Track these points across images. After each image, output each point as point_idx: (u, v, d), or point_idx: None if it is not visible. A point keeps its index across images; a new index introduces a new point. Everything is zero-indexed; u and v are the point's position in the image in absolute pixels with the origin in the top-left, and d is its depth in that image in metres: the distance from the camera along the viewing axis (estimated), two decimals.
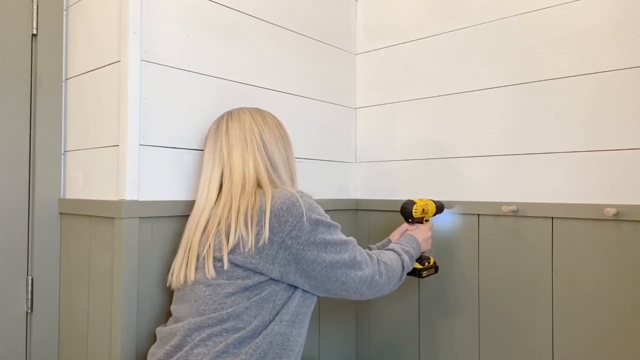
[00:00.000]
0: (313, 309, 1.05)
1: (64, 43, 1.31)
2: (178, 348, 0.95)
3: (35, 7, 1.26)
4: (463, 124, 1.43)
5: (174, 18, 1.18)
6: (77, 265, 1.24)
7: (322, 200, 1.39)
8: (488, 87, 1.38)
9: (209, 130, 1.13)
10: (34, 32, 1.26)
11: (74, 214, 1.25)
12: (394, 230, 1.31)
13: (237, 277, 0.95)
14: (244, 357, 0.92)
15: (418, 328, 1.51)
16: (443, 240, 1.44)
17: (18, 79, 1.25)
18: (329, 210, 1.16)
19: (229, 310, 0.94)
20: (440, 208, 1.35)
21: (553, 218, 1.25)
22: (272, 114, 1.14)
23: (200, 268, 0.98)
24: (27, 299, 1.25)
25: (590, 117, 1.21)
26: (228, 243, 0.95)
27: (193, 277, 0.98)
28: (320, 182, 1.56)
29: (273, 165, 1.07)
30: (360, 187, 1.68)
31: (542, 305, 1.26)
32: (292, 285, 0.99)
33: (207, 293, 0.96)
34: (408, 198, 1.32)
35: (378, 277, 1.04)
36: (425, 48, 1.52)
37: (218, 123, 1.11)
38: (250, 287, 0.95)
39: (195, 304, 0.96)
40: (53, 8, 1.29)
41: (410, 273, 1.22)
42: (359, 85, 1.69)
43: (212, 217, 1.02)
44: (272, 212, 0.94)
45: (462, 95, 1.43)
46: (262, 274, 0.95)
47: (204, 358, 0.91)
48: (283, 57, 1.44)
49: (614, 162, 1.17)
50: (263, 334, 0.94)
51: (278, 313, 0.97)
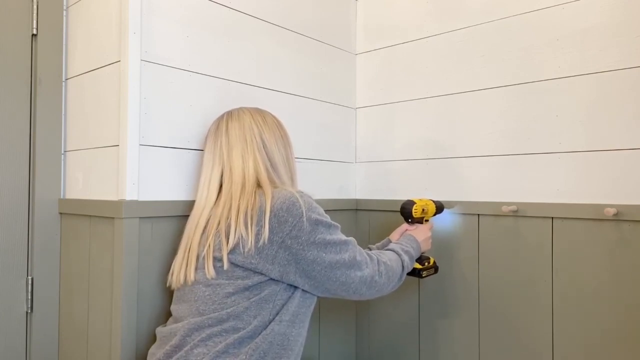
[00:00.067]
0: (313, 309, 1.05)
1: (64, 43, 1.31)
2: (178, 348, 0.95)
3: (35, 7, 1.26)
4: (463, 124, 1.43)
5: (174, 18, 1.18)
6: (77, 265, 1.24)
7: (322, 200, 1.39)
8: (488, 87, 1.38)
9: (209, 130, 1.13)
10: (34, 32, 1.26)
11: (74, 214, 1.25)
12: (394, 230, 1.31)
13: (237, 277, 0.95)
14: (244, 357, 0.92)
15: (418, 328, 1.51)
16: (443, 240, 1.44)
17: (18, 79, 1.25)
18: (329, 210, 1.16)
19: (229, 311, 0.94)
20: (440, 208, 1.35)
21: (553, 218, 1.25)
22: (272, 114, 1.14)
23: (200, 268, 0.98)
24: (27, 299, 1.25)
25: (590, 117, 1.21)
26: (228, 243, 0.95)
27: (193, 277, 0.98)
28: (320, 182, 1.56)
29: (273, 165, 1.07)
30: (360, 187, 1.68)
31: (542, 305, 1.26)
32: (292, 285, 0.99)
33: (207, 293, 0.96)
34: (408, 198, 1.32)
35: (378, 277, 1.04)
36: (425, 48, 1.52)
37: (218, 123, 1.11)
38: (250, 287, 0.95)
39: (195, 304, 0.96)
40: (53, 8, 1.29)
41: (410, 273, 1.22)
42: (359, 85, 1.69)
43: (212, 217, 1.02)
44: (272, 212, 0.94)
45: (462, 95, 1.43)
46: (262, 274, 0.95)
47: (204, 358, 0.91)
48: (283, 57, 1.44)
49: (614, 162, 1.17)
50: (263, 334, 0.94)
51: (278, 313, 0.97)
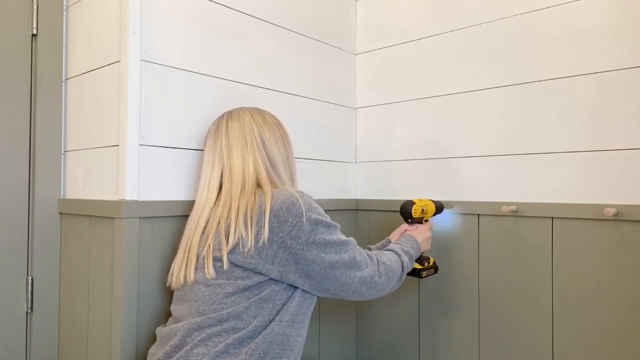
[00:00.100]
0: (313, 309, 1.05)
1: (64, 43, 1.31)
2: (178, 348, 0.95)
3: (35, 7, 1.26)
4: (463, 124, 1.42)
5: (174, 18, 1.18)
6: (77, 265, 1.24)
7: (322, 200, 1.38)
8: (488, 87, 1.38)
9: (209, 130, 1.13)
10: (34, 32, 1.26)
11: (74, 214, 1.25)
12: (394, 231, 1.31)
13: (236, 277, 0.95)
14: (244, 357, 0.92)
15: (418, 328, 1.51)
16: (443, 240, 1.44)
17: (18, 79, 1.25)
18: (329, 210, 1.16)
19: (229, 311, 0.94)
20: (440, 208, 1.35)
21: (553, 218, 1.24)
22: (272, 114, 1.14)
23: (200, 268, 0.98)
24: (27, 299, 1.25)
25: (590, 117, 1.21)
26: (228, 243, 0.95)
27: (193, 277, 0.98)
28: (320, 182, 1.56)
29: (273, 165, 1.07)
30: (360, 187, 1.68)
31: (542, 305, 1.26)
32: (291, 286, 0.99)
33: (206, 293, 0.96)
34: (408, 198, 1.32)
35: (377, 277, 1.04)
36: (425, 48, 1.52)
37: (218, 123, 1.11)
38: (250, 287, 0.95)
39: (195, 304, 0.96)
40: (53, 8, 1.29)
41: (410, 273, 1.22)
42: (359, 85, 1.69)
43: (211, 217, 1.02)
44: (271, 212, 0.94)
45: (462, 95, 1.43)
46: (261, 274, 0.95)
47: (204, 358, 0.91)
48: (283, 57, 1.44)
49: (614, 162, 1.17)
50: (263, 334, 0.94)
51: (278, 313, 0.97)
